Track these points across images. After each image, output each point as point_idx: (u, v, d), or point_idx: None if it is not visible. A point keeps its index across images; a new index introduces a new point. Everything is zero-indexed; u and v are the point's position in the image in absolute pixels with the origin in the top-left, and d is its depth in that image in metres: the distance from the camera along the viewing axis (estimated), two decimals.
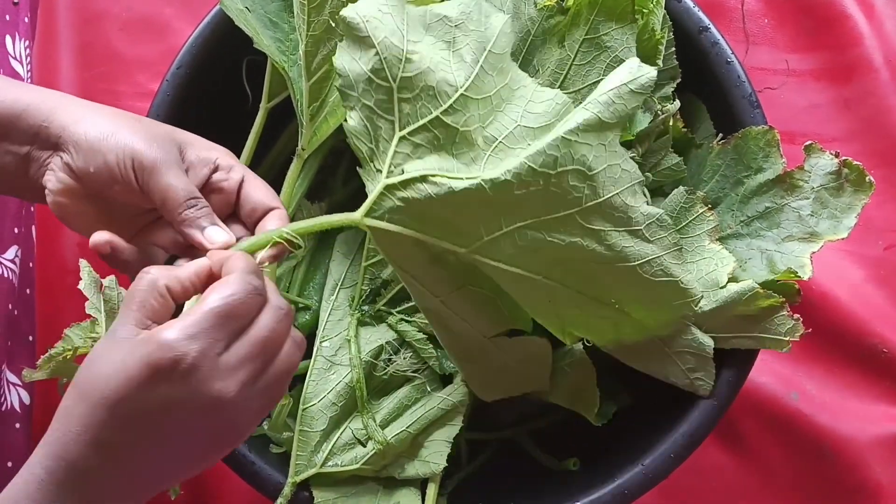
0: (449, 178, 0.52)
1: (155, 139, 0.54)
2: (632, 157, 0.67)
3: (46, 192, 0.54)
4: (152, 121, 0.57)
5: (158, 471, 0.48)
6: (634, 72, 0.50)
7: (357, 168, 0.56)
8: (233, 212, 0.58)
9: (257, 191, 0.57)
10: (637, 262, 0.54)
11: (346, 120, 0.55)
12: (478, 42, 0.52)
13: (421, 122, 0.52)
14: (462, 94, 0.51)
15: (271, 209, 0.57)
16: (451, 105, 0.51)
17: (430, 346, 0.71)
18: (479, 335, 0.63)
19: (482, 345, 0.64)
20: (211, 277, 0.50)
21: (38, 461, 0.46)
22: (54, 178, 0.54)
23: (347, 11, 0.52)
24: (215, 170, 0.56)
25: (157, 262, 0.57)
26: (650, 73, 0.50)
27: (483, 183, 0.51)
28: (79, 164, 0.53)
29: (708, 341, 0.63)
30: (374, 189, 0.55)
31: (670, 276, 0.55)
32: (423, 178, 0.52)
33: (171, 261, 0.58)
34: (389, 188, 0.54)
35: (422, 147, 0.53)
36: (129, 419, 0.45)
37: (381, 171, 0.54)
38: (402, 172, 0.53)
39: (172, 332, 0.45)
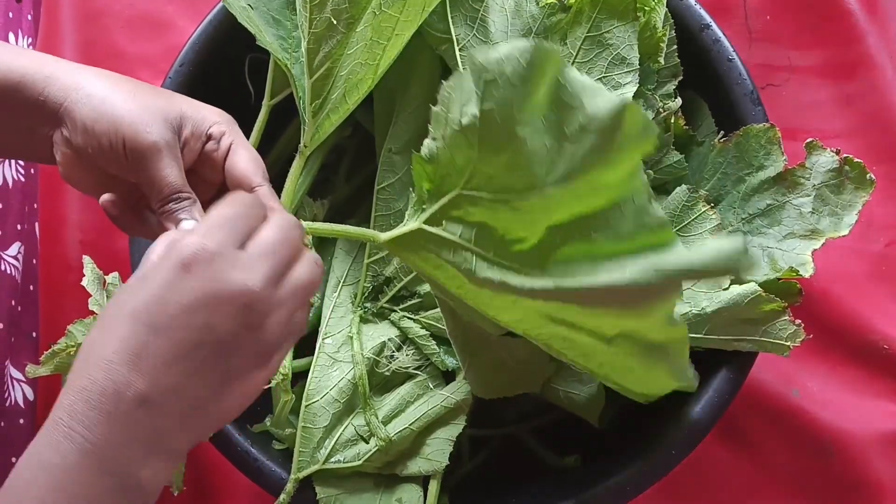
0: (481, 257, 0.48)
1: (148, 122, 0.53)
2: None
3: (58, 163, 0.55)
4: (150, 93, 0.55)
5: (206, 390, 0.46)
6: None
7: (410, 190, 0.54)
8: (223, 181, 0.58)
9: (240, 163, 0.56)
10: (641, 357, 0.51)
11: (423, 143, 0.50)
12: (596, 152, 0.42)
13: (485, 195, 0.47)
14: (542, 194, 0.45)
15: (254, 187, 0.56)
16: (524, 199, 0.45)
17: (433, 342, 0.71)
18: (483, 330, 0.62)
19: (486, 339, 0.64)
20: None
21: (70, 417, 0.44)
22: (59, 152, 0.54)
23: (479, 54, 0.43)
24: (208, 139, 0.56)
25: (151, 225, 0.57)
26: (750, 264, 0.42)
27: (504, 282, 0.48)
28: (77, 142, 0.53)
29: None
30: (410, 222, 0.52)
31: (669, 372, 0.53)
32: (453, 246, 0.50)
33: None
34: (422, 232, 0.51)
35: (474, 215, 0.48)
36: (164, 323, 0.45)
37: (424, 211, 0.51)
38: (442, 227, 0.50)
39: (189, 234, 0.46)
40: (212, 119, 0.57)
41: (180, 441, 0.47)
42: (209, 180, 0.57)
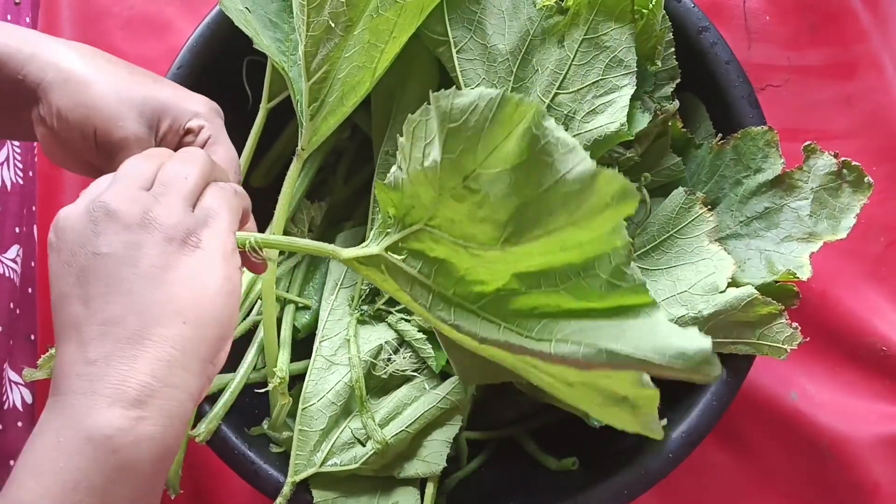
0: (436, 295, 0.48)
1: (124, 114, 0.52)
2: (630, 156, 0.68)
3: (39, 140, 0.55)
4: (132, 80, 0.54)
5: (125, 296, 0.44)
6: None
7: (371, 215, 0.53)
8: None
9: (215, 158, 0.55)
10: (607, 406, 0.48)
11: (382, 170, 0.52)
12: (565, 212, 0.40)
13: (447, 236, 0.46)
14: (501, 251, 0.43)
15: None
16: (483, 251, 0.44)
17: (429, 345, 0.71)
18: None
19: None
20: None
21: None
22: (39, 131, 0.54)
23: (443, 99, 0.42)
24: (186, 133, 0.56)
25: None
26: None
27: (458, 326, 0.47)
28: (50, 123, 0.52)
29: None
30: (372, 244, 0.51)
31: (634, 420, 0.49)
32: (411, 280, 0.49)
33: None
34: (382, 258, 0.50)
35: (437, 250, 0.48)
36: (60, 270, 0.44)
37: (388, 235, 0.50)
38: (403, 256, 0.49)
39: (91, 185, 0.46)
40: (193, 111, 0.56)
41: (143, 375, 0.42)
42: None
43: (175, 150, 0.54)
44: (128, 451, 0.41)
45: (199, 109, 0.56)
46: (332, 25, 0.63)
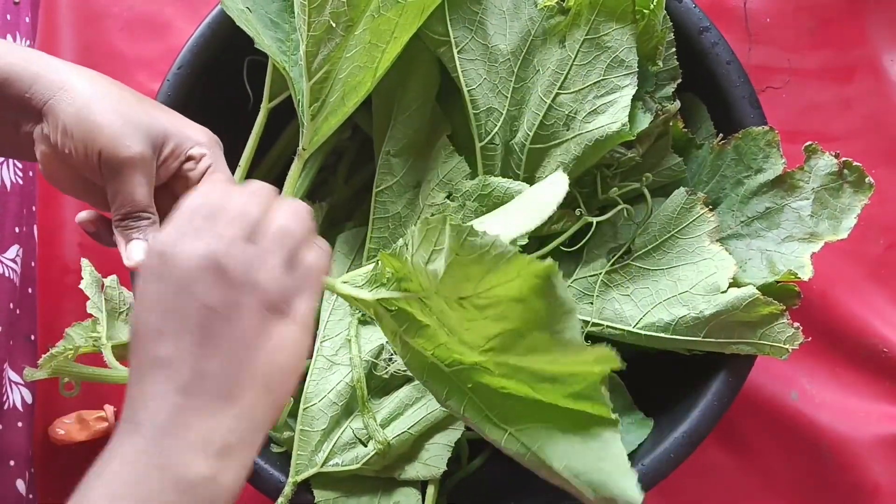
0: (423, 349, 0.51)
1: (128, 135, 0.52)
2: (632, 156, 0.68)
3: (38, 160, 0.55)
4: (136, 105, 0.54)
5: (224, 360, 0.45)
6: None
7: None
8: None
9: None
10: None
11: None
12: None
13: (436, 320, 0.49)
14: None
15: None
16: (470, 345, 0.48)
17: None
18: None
19: None
20: None
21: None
22: (39, 149, 0.54)
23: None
24: (187, 160, 0.56)
25: None
26: None
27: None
28: (55, 141, 0.53)
29: None
30: (365, 288, 0.53)
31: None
32: (399, 335, 0.52)
33: None
34: (376, 305, 0.52)
35: (425, 318, 0.50)
36: (174, 324, 0.44)
37: (384, 286, 0.52)
38: (393, 312, 0.51)
39: (160, 234, 0.46)
40: (195, 139, 0.56)
41: (227, 430, 0.44)
42: (177, 195, 0.56)
43: (175, 173, 0.56)
44: (206, 497, 0.43)
45: (201, 139, 0.57)
46: (334, 25, 0.63)
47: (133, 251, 0.54)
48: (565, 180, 0.52)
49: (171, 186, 0.57)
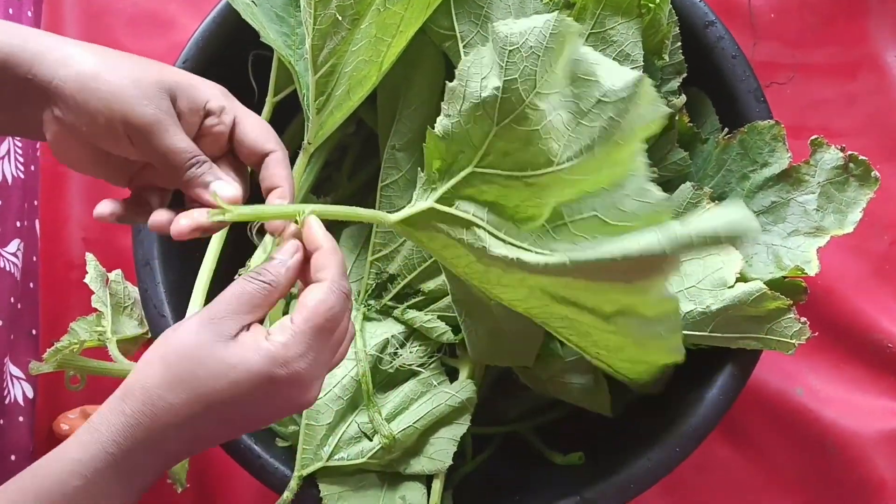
0: (493, 235, 0.49)
1: (145, 95, 0.51)
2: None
3: (49, 142, 0.53)
4: (140, 65, 0.53)
5: (218, 443, 0.52)
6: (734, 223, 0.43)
7: (419, 169, 0.53)
8: (227, 151, 0.56)
9: (250, 131, 0.55)
10: (636, 334, 0.53)
11: (436, 123, 0.51)
12: (609, 129, 0.44)
13: (499, 172, 0.49)
14: (555, 172, 0.47)
15: (267, 153, 0.55)
16: (539, 175, 0.47)
17: (440, 322, 0.71)
18: (483, 295, 0.62)
19: (484, 304, 0.64)
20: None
21: (109, 435, 0.47)
22: (50, 131, 0.52)
23: (502, 26, 0.47)
24: (207, 114, 0.54)
25: (153, 205, 0.56)
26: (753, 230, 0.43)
27: (520, 259, 0.48)
28: (70, 121, 0.51)
29: None
30: (420, 202, 0.52)
31: (661, 346, 0.54)
32: (467, 224, 0.50)
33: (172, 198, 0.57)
34: (433, 212, 0.52)
35: (486, 193, 0.50)
36: (229, 413, 0.49)
37: (436, 190, 0.52)
38: (454, 206, 0.51)
39: (288, 348, 0.48)
40: (207, 92, 0.55)
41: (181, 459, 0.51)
42: (209, 154, 0.55)
43: (198, 132, 0.54)
44: None
45: (213, 91, 0.55)
46: (340, 19, 0.63)
47: (221, 190, 0.52)
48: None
49: (199, 146, 0.54)
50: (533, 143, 0.46)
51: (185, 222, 0.51)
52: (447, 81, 0.50)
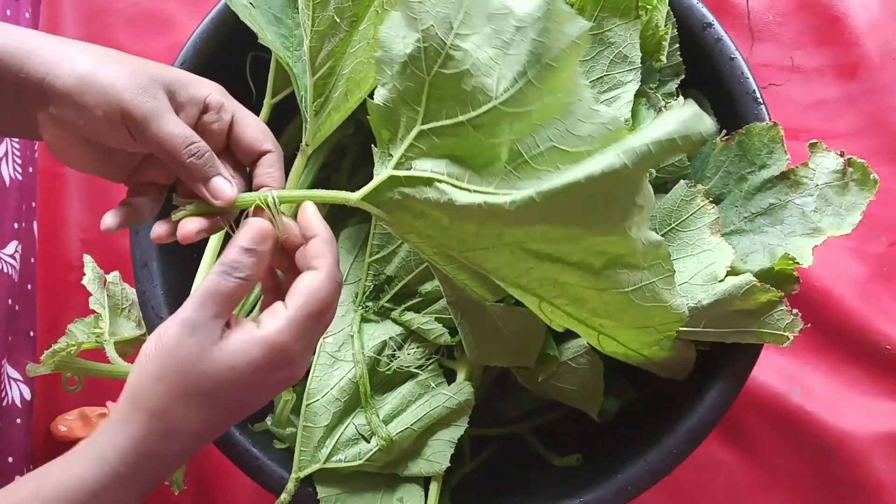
0: (455, 186, 0.49)
1: (141, 86, 0.51)
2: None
3: (45, 142, 0.53)
4: (136, 61, 0.53)
5: (222, 429, 0.53)
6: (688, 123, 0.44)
7: (372, 146, 0.53)
8: (225, 147, 0.57)
9: (248, 130, 0.56)
10: (630, 288, 0.52)
11: (371, 96, 0.52)
12: (535, 52, 0.44)
13: (445, 122, 0.49)
14: (497, 107, 0.46)
15: (263, 152, 0.56)
16: (481, 114, 0.47)
17: (437, 325, 0.71)
18: (479, 298, 0.62)
19: (480, 306, 0.64)
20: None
21: (116, 454, 0.48)
22: (47, 131, 0.52)
23: None
24: (205, 110, 0.55)
25: (153, 202, 0.56)
26: (708, 127, 0.43)
27: (486, 204, 0.48)
28: (66, 117, 0.51)
29: None
30: (379, 174, 0.52)
31: (660, 301, 0.53)
32: (428, 182, 0.50)
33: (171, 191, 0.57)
34: (394, 179, 0.51)
35: (439, 147, 0.50)
36: (235, 405, 0.51)
37: (391, 158, 0.52)
38: (411, 168, 0.51)
39: (283, 333, 0.49)
40: (205, 88, 0.55)
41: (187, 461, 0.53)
42: (212, 149, 0.55)
43: (195, 123, 0.54)
44: None
45: (211, 87, 0.56)
46: (338, 21, 0.63)
47: (218, 191, 0.53)
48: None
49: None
50: (466, 82, 0.46)
51: (191, 225, 0.52)
52: (374, 53, 0.50)
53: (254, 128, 0.56)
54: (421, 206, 0.51)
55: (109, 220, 0.54)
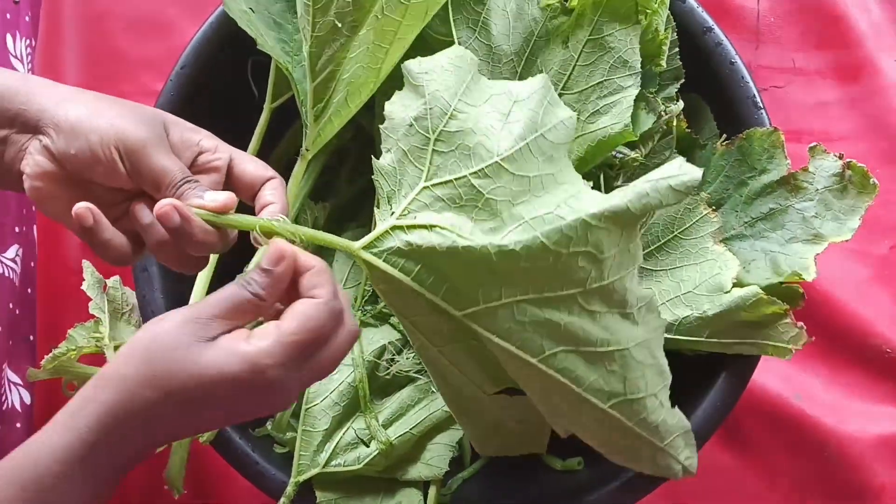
0: (457, 234, 0.50)
1: (140, 120, 0.52)
2: (635, 157, 0.68)
3: (24, 176, 0.53)
4: (134, 103, 0.55)
5: (181, 433, 0.53)
6: (676, 170, 0.47)
7: (375, 208, 0.54)
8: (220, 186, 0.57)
9: (249, 165, 0.56)
10: (629, 346, 0.52)
11: (378, 157, 0.54)
12: (531, 121, 0.50)
13: (448, 178, 0.51)
14: (498, 163, 0.50)
15: (267, 179, 0.56)
16: (483, 169, 0.50)
17: None
18: (477, 390, 0.60)
19: (480, 400, 0.61)
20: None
21: (84, 421, 0.47)
22: (32, 161, 0.52)
23: (411, 63, 0.53)
24: (200, 152, 0.55)
25: (132, 251, 0.55)
26: (694, 174, 0.47)
27: (490, 248, 0.49)
28: (59, 147, 0.51)
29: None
30: (380, 226, 0.53)
31: (655, 359, 0.53)
32: (430, 227, 0.50)
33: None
34: (395, 228, 0.52)
35: (442, 202, 0.51)
36: (200, 413, 0.49)
37: (393, 214, 0.52)
38: (414, 219, 0.51)
39: (266, 356, 0.47)
40: (197, 134, 0.56)
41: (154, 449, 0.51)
42: (208, 187, 0.55)
43: (191, 164, 0.54)
44: None
45: (201, 132, 0.56)
46: (338, 26, 0.63)
47: (215, 195, 0.53)
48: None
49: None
50: (470, 139, 0.50)
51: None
52: (379, 125, 0.53)
53: (254, 162, 0.57)
54: (422, 254, 0.51)
55: (84, 204, 0.52)
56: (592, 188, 0.68)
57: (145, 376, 0.47)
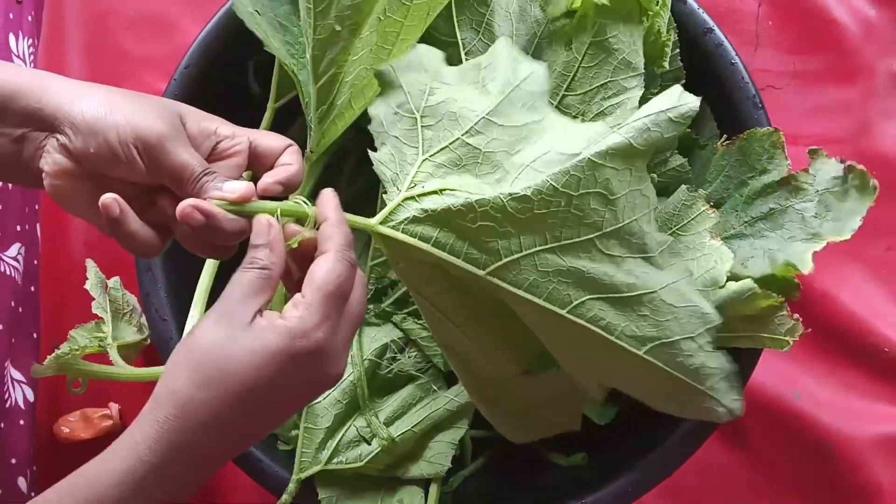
0: (467, 192, 0.51)
1: (156, 114, 0.52)
2: None
3: (44, 174, 0.53)
4: (149, 95, 0.55)
5: (257, 437, 0.53)
6: (675, 100, 0.49)
7: (382, 195, 0.56)
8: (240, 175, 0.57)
9: (268, 140, 0.57)
10: (656, 290, 0.52)
11: (375, 150, 0.57)
12: (504, 78, 0.53)
13: (443, 145, 0.53)
14: (485, 118, 0.52)
15: (286, 147, 0.57)
16: (472, 127, 0.52)
17: (435, 343, 0.71)
18: (504, 372, 0.60)
19: (507, 383, 0.62)
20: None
21: (144, 443, 0.47)
22: (51, 159, 0.52)
23: (381, 67, 0.55)
24: (219, 140, 0.55)
25: (159, 241, 0.56)
26: (692, 103, 0.49)
27: (501, 197, 0.50)
28: (77, 145, 0.51)
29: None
30: (391, 202, 0.54)
31: (690, 302, 0.53)
32: (440, 191, 0.52)
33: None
34: (407, 199, 0.53)
35: (444, 167, 0.53)
36: (262, 404, 0.49)
37: (401, 190, 0.54)
38: (423, 188, 0.53)
39: (304, 320, 0.48)
40: (213, 122, 0.56)
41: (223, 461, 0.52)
42: (227, 177, 0.55)
43: (210, 153, 0.55)
44: None
45: (217, 120, 0.56)
46: (339, 28, 0.63)
47: (233, 186, 0.53)
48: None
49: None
50: (452, 106, 0.53)
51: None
52: (368, 126, 0.56)
53: (271, 136, 0.57)
54: (439, 217, 0.52)
55: (111, 195, 0.52)
56: None
57: (197, 383, 0.47)
